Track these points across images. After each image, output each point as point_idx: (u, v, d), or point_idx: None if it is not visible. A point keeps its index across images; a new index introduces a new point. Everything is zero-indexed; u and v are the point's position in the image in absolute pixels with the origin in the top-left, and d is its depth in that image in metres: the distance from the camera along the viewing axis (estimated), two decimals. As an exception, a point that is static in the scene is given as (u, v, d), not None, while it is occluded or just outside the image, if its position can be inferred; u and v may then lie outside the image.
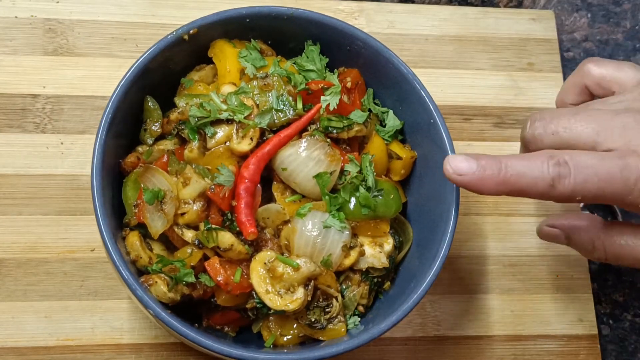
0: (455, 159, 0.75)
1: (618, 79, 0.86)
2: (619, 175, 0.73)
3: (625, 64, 0.87)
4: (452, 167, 0.74)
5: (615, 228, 0.84)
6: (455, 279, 0.98)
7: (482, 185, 0.74)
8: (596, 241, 0.85)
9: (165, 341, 0.90)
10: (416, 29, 1.07)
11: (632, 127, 0.76)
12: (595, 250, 0.86)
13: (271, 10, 0.84)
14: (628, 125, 0.76)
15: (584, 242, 0.86)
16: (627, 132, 0.76)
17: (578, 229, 0.88)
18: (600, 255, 0.86)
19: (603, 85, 0.87)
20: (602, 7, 1.15)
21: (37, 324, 0.89)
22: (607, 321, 1.02)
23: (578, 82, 0.90)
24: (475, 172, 0.74)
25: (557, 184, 0.73)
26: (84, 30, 0.99)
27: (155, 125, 0.84)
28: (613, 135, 0.76)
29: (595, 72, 0.87)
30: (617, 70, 0.86)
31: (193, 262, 0.77)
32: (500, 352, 0.97)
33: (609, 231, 0.85)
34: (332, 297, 0.79)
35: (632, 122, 0.76)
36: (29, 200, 0.92)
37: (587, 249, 0.87)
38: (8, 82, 0.96)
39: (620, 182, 0.73)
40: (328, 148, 0.79)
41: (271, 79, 0.82)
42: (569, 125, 0.78)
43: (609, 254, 0.85)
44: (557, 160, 0.73)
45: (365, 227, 0.81)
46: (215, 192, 0.76)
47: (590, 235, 0.86)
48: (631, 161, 0.73)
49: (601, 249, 0.85)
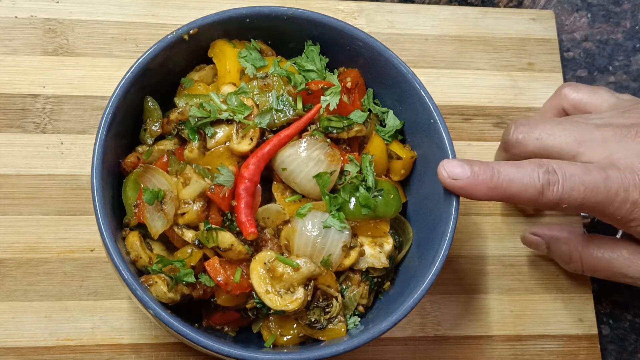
0: (450, 163, 0.77)
1: (593, 103, 0.90)
2: (603, 185, 0.77)
3: (600, 88, 0.92)
4: (447, 172, 0.77)
5: (593, 241, 0.89)
6: (455, 279, 0.98)
7: (475, 190, 0.77)
8: (574, 253, 0.90)
9: (165, 341, 0.90)
10: (416, 29, 1.07)
11: (612, 140, 0.80)
12: (572, 262, 0.91)
13: (271, 10, 0.84)
14: (608, 138, 0.80)
15: (562, 252, 0.91)
16: (607, 145, 0.80)
17: (557, 239, 0.93)
18: (577, 266, 0.90)
19: (579, 108, 0.92)
20: (602, 7, 1.15)
21: (37, 324, 0.89)
22: (607, 321, 1.02)
23: (556, 104, 0.94)
24: (469, 177, 0.76)
25: (546, 191, 0.76)
26: (84, 30, 0.99)
27: (155, 125, 0.84)
28: (594, 147, 0.80)
29: (572, 95, 0.92)
30: (593, 94, 0.91)
31: (193, 262, 0.77)
32: (500, 352, 0.97)
33: (587, 244, 0.89)
34: (332, 297, 0.79)
35: (611, 135, 0.80)
36: (29, 200, 0.92)
37: (564, 260, 0.93)
38: (8, 82, 0.96)
39: (603, 193, 0.77)
40: (328, 148, 0.79)
41: (271, 79, 0.82)
42: (553, 133, 0.82)
43: (585, 266, 0.90)
44: (547, 168, 0.77)
45: (365, 227, 0.81)
46: (215, 192, 0.76)
47: (569, 247, 0.91)
48: (612, 174, 0.77)
49: (578, 260, 0.90)
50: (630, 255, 0.86)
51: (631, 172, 0.78)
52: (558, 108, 0.94)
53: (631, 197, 0.78)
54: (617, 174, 0.77)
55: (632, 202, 0.78)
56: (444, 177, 0.77)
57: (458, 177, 0.77)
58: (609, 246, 0.87)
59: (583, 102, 0.91)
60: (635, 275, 0.86)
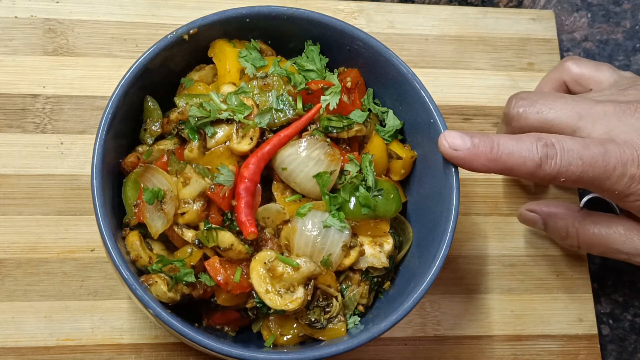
0: (451, 134, 0.78)
1: (596, 78, 0.91)
2: (601, 160, 0.77)
3: (603, 64, 0.92)
4: (448, 142, 0.78)
5: (590, 217, 0.89)
6: (455, 279, 0.98)
7: (474, 162, 0.77)
8: (570, 228, 0.90)
9: (165, 341, 0.90)
10: (416, 29, 1.07)
11: (612, 115, 0.80)
12: (569, 237, 0.90)
13: (271, 10, 0.84)
14: (608, 113, 0.81)
15: (559, 228, 0.91)
16: (607, 120, 0.80)
17: (554, 215, 0.92)
18: (573, 242, 0.90)
19: (581, 82, 0.92)
20: (602, 7, 1.15)
21: (37, 324, 0.89)
22: (607, 321, 1.02)
23: (557, 77, 0.94)
24: (470, 149, 0.77)
25: (544, 164, 0.77)
26: (84, 30, 0.99)
27: (155, 125, 0.84)
28: (594, 121, 0.80)
29: (574, 70, 0.92)
30: (596, 70, 0.91)
31: (193, 262, 0.77)
32: (500, 352, 0.97)
33: (583, 220, 0.89)
34: (332, 297, 0.79)
35: (611, 111, 0.81)
36: (29, 200, 0.92)
37: (561, 235, 0.92)
38: (8, 82, 0.96)
39: (601, 167, 0.77)
40: (328, 148, 0.79)
41: (271, 79, 0.82)
42: (554, 106, 0.82)
43: (581, 242, 0.90)
44: (545, 142, 0.77)
45: (365, 227, 0.81)
46: (215, 192, 0.76)
47: (566, 222, 0.91)
48: (611, 148, 0.78)
49: (574, 236, 0.90)
50: (626, 232, 0.86)
51: (630, 148, 0.78)
52: (559, 81, 0.94)
53: (629, 172, 0.78)
54: (616, 148, 0.78)
55: (630, 176, 0.78)
56: (445, 147, 0.78)
57: (458, 148, 0.77)
58: (605, 222, 0.88)
59: (585, 77, 0.91)
60: (631, 252, 0.86)
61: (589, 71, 0.91)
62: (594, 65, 0.92)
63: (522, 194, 1.03)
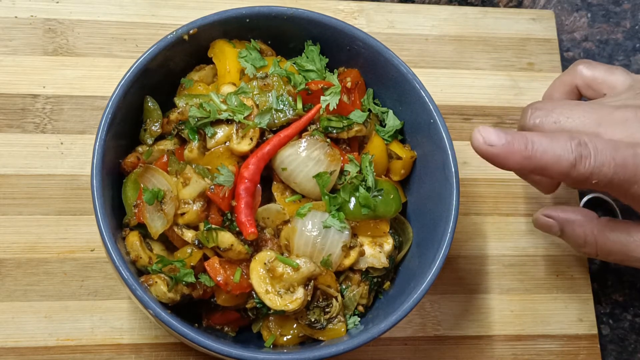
0: (486, 130, 0.75)
1: (609, 82, 0.88)
2: (632, 162, 0.75)
3: (616, 68, 0.89)
4: (484, 137, 0.74)
5: (608, 224, 0.86)
6: (455, 279, 0.98)
7: (509, 159, 0.74)
8: (589, 236, 0.87)
9: (165, 341, 0.90)
10: (416, 29, 1.07)
11: (632, 121, 0.78)
12: (587, 245, 0.87)
13: (271, 10, 0.84)
14: (629, 119, 0.78)
15: (577, 235, 0.88)
16: (627, 125, 0.78)
17: (572, 222, 0.89)
18: (591, 250, 0.87)
19: (594, 86, 0.89)
20: (602, 7, 1.15)
21: (37, 324, 0.89)
22: (607, 321, 1.02)
23: (569, 81, 0.91)
24: (505, 145, 0.74)
25: (578, 164, 0.74)
26: (84, 30, 0.99)
27: (155, 125, 0.84)
28: (614, 127, 0.78)
29: (587, 73, 0.89)
30: (609, 74, 0.88)
31: (193, 262, 0.77)
32: (500, 352, 0.97)
33: (602, 227, 0.86)
34: (332, 297, 0.79)
35: (632, 116, 0.78)
36: (29, 200, 0.92)
37: (578, 243, 0.89)
38: (8, 82, 0.96)
39: (632, 170, 0.75)
40: (328, 148, 0.79)
41: (271, 79, 0.82)
42: (571, 115, 0.80)
43: (600, 249, 0.87)
44: (579, 141, 0.74)
45: (365, 227, 0.81)
46: (215, 192, 0.76)
47: (584, 230, 0.88)
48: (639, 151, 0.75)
49: (593, 243, 0.87)
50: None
51: None
52: (571, 85, 0.91)
53: None
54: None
55: None
56: (480, 142, 0.75)
57: (494, 143, 0.74)
58: (624, 229, 0.85)
59: (598, 81, 0.89)
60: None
61: (602, 75, 0.89)
62: (607, 69, 0.89)
63: (522, 194, 1.03)
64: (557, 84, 0.93)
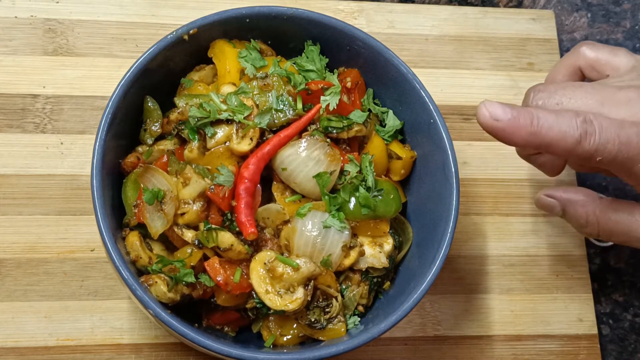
0: (492, 104, 0.74)
1: (613, 63, 0.88)
2: (636, 140, 0.74)
3: (619, 49, 0.89)
4: (490, 112, 0.74)
5: (611, 204, 0.85)
6: (455, 279, 0.98)
7: (515, 134, 0.74)
8: (590, 216, 0.86)
9: (165, 341, 0.90)
10: (416, 29, 1.07)
11: (636, 101, 0.77)
12: (589, 225, 0.87)
13: (271, 10, 0.84)
14: (632, 99, 0.78)
15: (579, 215, 0.87)
16: (631, 105, 0.77)
17: (574, 202, 0.88)
18: (593, 230, 0.87)
19: (597, 68, 0.89)
20: (602, 7, 1.15)
21: (37, 324, 0.89)
22: (607, 321, 1.02)
23: (572, 63, 0.91)
24: (511, 120, 0.73)
25: (583, 141, 0.74)
26: (84, 30, 0.99)
27: (155, 125, 0.84)
28: (617, 107, 0.77)
29: (590, 54, 0.89)
30: (612, 55, 0.88)
31: (193, 262, 0.77)
32: (500, 352, 0.97)
33: (604, 207, 0.86)
34: (332, 297, 0.79)
35: (635, 96, 0.78)
36: (29, 200, 0.92)
37: (580, 223, 0.88)
38: (8, 82, 0.96)
39: (635, 148, 0.74)
40: (328, 148, 0.79)
41: (271, 79, 0.82)
42: (574, 96, 0.79)
43: (602, 230, 0.86)
44: (584, 118, 0.74)
45: (365, 227, 0.81)
46: (215, 192, 0.76)
47: (586, 210, 0.87)
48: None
49: (594, 224, 0.86)
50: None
51: None
52: (574, 66, 0.91)
53: None
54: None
55: None
56: (486, 116, 0.74)
57: (500, 118, 0.73)
58: (627, 209, 0.84)
59: (601, 62, 0.88)
60: None
61: (606, 56, 0.88)
62: (610, 50, 0.88)
63: (522, 194, 1.03)
64: (560, 65, 0.93)
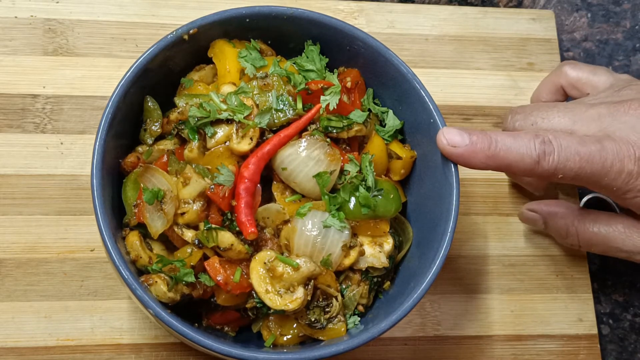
0: (450, 131, 0.78)
1: (592, 82, 0.91)
2: (598, 156, 0.78)
3: (600, 68, 0.93)
4: (447, 139, 0.78)
5: (589, 216, 0.90)
6: (455, 279, 0.98)
7: (473, 159, 0.77)
8: (570, 227, 0.91)
9: (165, 341, 0.90)
10: (416, 28, 1.07)
11: (605, 116, 0.81)
12: (569, 236, 0.91)
13: (271, 10, 0.84)
14: (602, 114, 0.81)
15: (559, 227, 0.92)
16: (601, 120, 0.81)
17: (555, 214, 0.93)
18: (574, 241, 0.91)
19: (578, 87, 0.93)
20: (602, 7, 1.15)
21: (37, 324, 0.89)
22: (607, 321, 1.02)
23: (555, 81, 0.95)
24: (468, 145, 0.77)
25: (542, 161, 0.77)
26: (84, 30, 0.99)
27: (155, 125, 0.84)
28: (588, 124, 0.81)
29: (571, 74, 0.93)
30: (592, 74, 0.92)
31: (193, 262, 0.77)
32: (500, 352, 0.97)
33: (583, 218, 0.90)
34: (332, 297, 0.79)
35: (605, 112, 0.81)
36: (29, 200, 0.92)
37: (561, 235, 0.93)
38: (8, 82, 0.96)
39: (598, 163, 0.78)
40: (328, 148, 0.79)
41: (271, 79, 0.82)
42: (547, 116, 0.84)
43: (581, 240, 0.90)
44: (543, 139, 0.78)
45: (365, 227, 0.81)
46: (215, 192, 0.76)
47: (566, 222, 0.91)
48: (607, 145, 0.78)
49: (574, 235, 0.91)
50: (625, 230, 0.87)
51: (626, 144, 0.79)
52: (557, 85, 0.95)
53: (626, 168, 0.79)
54: (613, 145, 0.78)
55: (628, 172, 0.79)
56: (444, 144, 0.78)
57: (457, 145, 0.77)
58: (605, 220, 0.88)
59: (582, 81, 0.92)
60: (631, 249, 0.87)
61: (586, 75, 0.92)
62: (591, 70, 0.92)
63: (522, 194, 1.03)
64: (544, 84, 0.97)
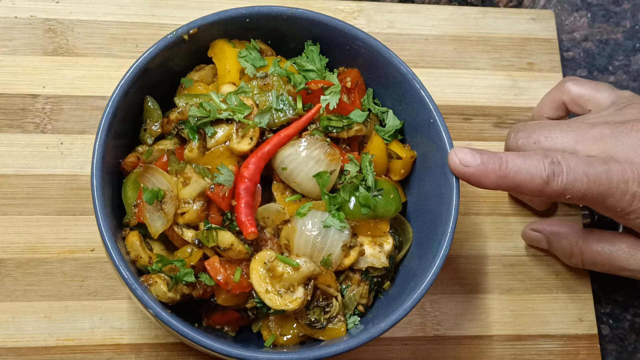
0: (462, 151, 0.79)
1: (595, 99, 0.92)
2: (605, 177, 0.79)
3: (602, 85, 0.93)
4: (460, 159, 0.78)
5: (593, 235, 0.91)
6: (455, 279, 0.98)
7: (484, 178, 0.78)
8: (574, 247, 0.92)
9: (165, 341, 0.90)
10: (416, 28, 1.07)
11: (608, 136, 0.82)
12: (573, 256, 0.93)
13: (271, 10, 0.84)
14: (605, 135, 0.82)
15: (563, 247, 0.94)
16: (604, 141, 0.82)
17: (558, 234, 0.94)
18: (577, 260, 0.92)
19: (580, 103, 0.93)
20: (602, 6, 1.15)
21: (37, 324, 0.89)
22: (607, 321, 1.02)
23: (557, 97, 0.95)
24: (479, 165, 0.78)
25: (551, 181, 0.78)
26: (84, 30, 0.99)
27: (155, 125, 0.84)
28: (590, 144, 0.82)
29: (574, 90, 0.93)
30: (595, 91, 0.92)
31: (193, 262, 0.77)
32: (500, 352, 0.97)
33: (587, 238, 0.91)
34: (332, 297, 0.79)
35: (608, 132, 0.82)
36: (29, 200, 0.92)
37: (565, 254, 0.94)
38: (8, 82, 0.96)
39: (605, 184, 0.79)
40: (328, 147, 0.79)
41: (271, 79, 0.82)
42: (550, 135, 0.84)
43: (585, 260, 0.92)
44: (552, 160, 0.78)
45: (365, 227, 0.81)
46: (215, 192, 0.76)
47: (570, 241, 0.93)
48: (612, 166, 0.79)
49: (578, 254, 0.92)
50: (629, 249, 0.87)
51: (630, 165, 0.80)
52: (559, 101, 0.95)
53: (630, 189, 0.79)
54: (617, 166, 0.79)
55: (632, 194, 0.80)
56: (456, 163, 0.79)
57: (469, 165, 0.78)
58: (608, 240, 0.89)
59: (584, 98, 0.92)
60: (635, 268, 0.87)
61: (588, 92, 0.92)
62: (593, 86, 0.93)
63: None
64: (546, 100, 0.97)
